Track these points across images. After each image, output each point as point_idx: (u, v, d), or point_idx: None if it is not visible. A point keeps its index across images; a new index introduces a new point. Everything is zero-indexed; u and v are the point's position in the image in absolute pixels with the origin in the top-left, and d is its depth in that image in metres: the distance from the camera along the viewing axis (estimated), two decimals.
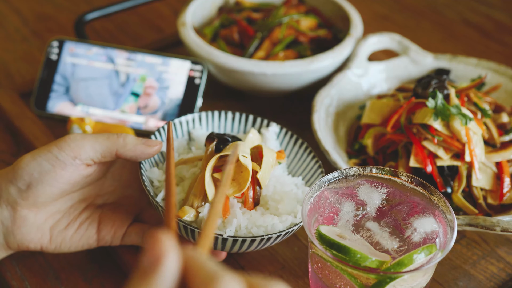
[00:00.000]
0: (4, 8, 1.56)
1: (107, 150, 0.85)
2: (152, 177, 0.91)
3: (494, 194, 1.01)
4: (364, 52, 1.21)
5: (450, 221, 0.81)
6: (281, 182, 0.92)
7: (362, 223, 0.84)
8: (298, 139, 0.99)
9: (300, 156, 0.99)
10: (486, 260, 0.98)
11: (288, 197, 0.90)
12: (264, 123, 1.01)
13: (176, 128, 0.98)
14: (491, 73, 1.19)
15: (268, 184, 0.90)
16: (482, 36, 1.52)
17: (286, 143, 1.01)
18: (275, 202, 0.90)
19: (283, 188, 0.91)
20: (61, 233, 0.88)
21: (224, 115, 1.01)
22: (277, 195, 0.90)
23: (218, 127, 1.01)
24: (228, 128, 1.02)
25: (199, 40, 1.20)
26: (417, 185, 0.87)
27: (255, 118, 1.01)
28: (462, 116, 0.99)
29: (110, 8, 1.32)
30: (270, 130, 1.00)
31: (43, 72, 1.20)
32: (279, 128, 1.01)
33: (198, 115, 0.99)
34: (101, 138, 0.85)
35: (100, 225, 0.90)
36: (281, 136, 1.01)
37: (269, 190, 0.90)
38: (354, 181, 0.88)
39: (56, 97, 1.19)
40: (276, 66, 1.15)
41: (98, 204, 0.92)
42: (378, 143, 1.07)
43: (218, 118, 1.01)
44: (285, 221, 0.87)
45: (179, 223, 0.83)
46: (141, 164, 0.89)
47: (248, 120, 1.01)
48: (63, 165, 0.83)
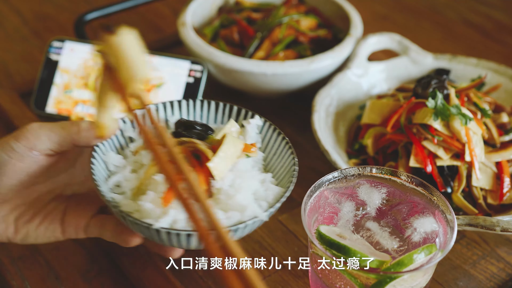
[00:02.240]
0: (4, 8, 1.56)
1: (63, 139, 0.82)
2: (108, 161, 0.87)
3: (494, 194, 1.01)
4: (364, 52, 1.21)
5: (450, 221, 0.81)
6: (243, 177, 0.85)
7: (362, 223, 0.84)
8: (280, 133, 0.93)
9: (280, 152, 0.93)
10: (486, 260, 0.98)
11: (244, 193, 0.83)
12: (249, 115, 0.95)
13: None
14: (491, 73, 1.19)
15: (227, 176, 0.84)
16: (482, 36, 1.52)
17: (269, 138, 0.94)
18: (227, 196, 0.83)
19: (242, 183, 0.84)
20: (26, 224, 0.85)
21: (207, 104, 0.96)
22: (233, 189, 0.84)
23: (200, 116, 0.97)
24: (211, 118, 0.97)
25: (199, 40, 1.20)
26: (417, 185, 0.87)
27: (239, 110, 0.96)
28: (462, 116, 0.99)
29: (110, 8, 1.32)
30: (251, 122, 0.94)
31: (43, 72, 1.20)
32: (262, 122, 0.94)
33: (178, 102, 0.95)
34: (56, 128, 0.83)
35: (65, 217, 0.87)
36: (264, 130, 0.95)
37: (226, 183, 0.84)
38: (354, 181, 0.88)
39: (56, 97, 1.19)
40: (276, 66, 1.15)
41: (67, 195, 0.89)
42: (378, 143, 1.07)
43: (200, 107, 0.96)
44: (230, 218, 0.81)
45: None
46: (96, 147, 0.85)
47: (232, 112, 0.96)
48: (20, 156, 0.81)
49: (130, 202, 0.83)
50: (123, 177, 0.86)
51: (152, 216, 0.79)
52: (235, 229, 0.79)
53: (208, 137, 0.89)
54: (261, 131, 0.95)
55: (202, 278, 0.93)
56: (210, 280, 0.92)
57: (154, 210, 0.80)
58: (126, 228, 0.85)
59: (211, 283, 0.92)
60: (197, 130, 0.89)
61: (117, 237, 0.85)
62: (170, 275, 0.91)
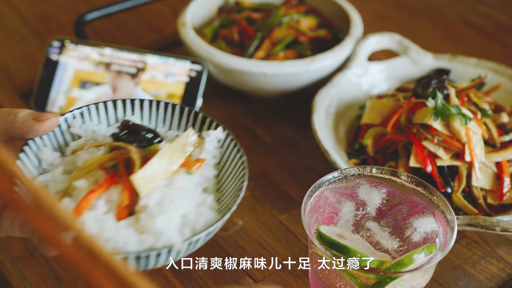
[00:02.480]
0: (4, 8, 1.56)
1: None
2: (42, 158, 0.79)
3: (494, 194, 1.01)
4: (364, 52, 1.21)
5: (450, 221, 0.82)
6: (174, 196, 0.74)
7: (362, 223, 0.84)
8: (240, 151, 0.82)
9: (235, 172, 0.81)
10: (486, 260, 0.98)
11: (168, 215, 0.73)
12: (213, 125, 0.85)
13: (108, 112, 0.84)
14: (491, 73, 1.19)
15: (155, 193, 0.74)
16: (482, 36, 1.52)
17: (228, 154, 0.84)
18: (148, 216, 0.72)
19: (172, 203, 0.73)
20: None
21: (171, 108, 0.86)
22: (158, 209, 0.73)
23: (163, 121, 0.87)
24: (174, 124, 0.87)
25: (199, 40, 1.20)
26: (417, 185, 0.87)
27: (205, 118, 0.86)
28: (462, 116, 0.99)
29: (110, 8, 1.32)
30: (211, 134, 0.83)
31: (43, 72, 1.20)
32: (225, 135, 0.84)
33: (140, 101, 0.85)
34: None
35: (3, 213, 0.78)
36: (226, 144, 0.84)
37: (152, 201, 0.73)
38: (354, 181, 0.88)
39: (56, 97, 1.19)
40: (276, 66, 1.15)
41: None
42: (378, 143, 1.07)
43: (163, 111, 0.86)
44: (142, 242, 0.71)
45: None
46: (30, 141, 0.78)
47: (197, 119, 0.86)
48: None
49: None
50: (52, 177, 0.77)
51: None
52: (144, 255, 0.70)
53: (153, 145, 0.79)
54: (222, 145, 0.85)
55: (202, 278, 0.93)
56: (210, 280, 0.92)
57: None
58: None
59: (211, 283, 0.92)
60: (141, 136, 0.80)
61: (40, 244, 0.76)
62: (170, 275, 0.91)
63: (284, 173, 1.12)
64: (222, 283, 0.93)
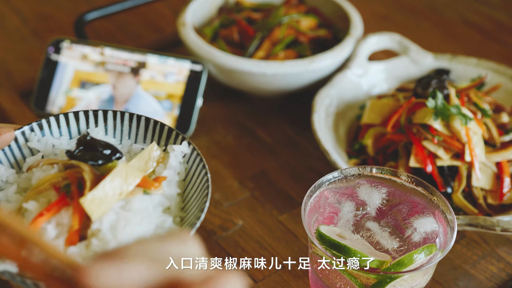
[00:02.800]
0: (4, 8, 1.56)
1: None
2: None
3: (494, 194, 1.01)
4: (364, 52, 1.21)
5: (450, 221, 0.81)
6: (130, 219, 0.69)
7: (362, 223, 0.84)
8: (204, 167, 0.76)
9: (199, 191, 0.75)
10: (486, 260, 0.98)
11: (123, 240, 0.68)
12: (179, 139, 0.79)
13: (69, 124, 0.79)
14: (491, 73, 1.19)
15: (109, 216, 0.69)
16: (482, 36, 1.52)
17: (194, 171, 0.78)
18: (101, 242, 0.67)
19: (127, 227, 0.68)
20: None
21: (137, 119, 0.81)
22: (112, 233, 0.68)
23: (128, 133, 0.81)
24: (140, 136, 0.81)
25: (199, 40, 1.20)
26: (417, 185, 0.87)
27: (171, 130, 0.80)
28: (462, 116, 0.99)
29: (110, 8, 1.32)
30: (175, 149, 0.78)
31: (43, 72, 1.20)
32: (190, 150, 0.78)
33: (103, 112, 0.80)
34: None
35: None
36: (191, 159, 0.78)
37: (105, 225, 0.68)
38: (354, 181, 0.88)
39: (56, 97, 1.19)
40: (276, 66, 1.15)
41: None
42: (378, 143, 1.07)
43: (128, 122, 0.81)
44: None
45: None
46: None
47: (163, 132, 0.80)
48: None
49: None
50: (5, 196, 0.73)
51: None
52: None
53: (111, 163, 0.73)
54: (188, 160, 0.79)
55: None
56: None
57: None
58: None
59: None
60: (98, 152, 0.73)
61: None
62: None
63: (284, 173, 1.12)
64: None
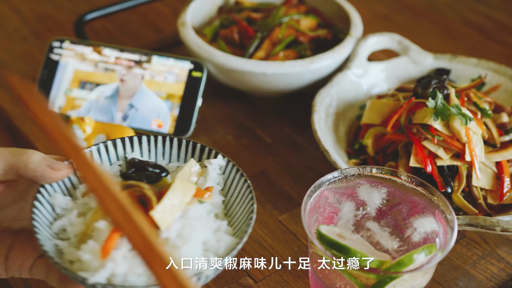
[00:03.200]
0: (4, 8, 1.56)
1: (8, 166, 0.75)
2: (54, 204, 0.80)
3: (494, 194, 1.01)
4: (364, 52, 1.21)
5: (450, 221, 0.81)
6: (193, 226, 0.77)
7: (362, 223, 0.84)
8: (243, 175, 0.85)
9: (241, 196, 0.84)
10: (486, 260, 0.98)
11: (191, 245, 0.76)
12: (212, 154, 0.87)
13: (109, 151, 0.86)
14: (491, 73, 1.19)
15: (175, 225, 0.77)
16: (482, 36, 1.52)
17: (232, 180, 0.86)
18: (173, 248, 0.75)
19: (192, 233, 0.76)
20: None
21: (169, 141, 0.88)
22: (180, 240, 0.76)
23: (162, 154, 0.89)
24: (173, 156, 0.89)
25: (199, 40, 1.20)
26: (417, 185, 0.87)
27: (203, 148, 0.88)
28: (462, 116, 0.99)
29: (110, 8, 1.32)
30: (213, 163, 0.86)
31: (43, 72, 1.20)
32: (225, 162, 0.86)
33: (138, 138, 0.88)
34: (4, 153, 0.75)
35: (10, 253, 0.79)
36: (227, 170, 0.87)
37: (172, 233, 0.76)
38: (354, 181, 0.88)
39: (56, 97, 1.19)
40: (276, 66, 1.15)
41: (15, 230, 0.82)
42: (378, 143, 1.07)
43: (162, 144, 0.89)
44: None
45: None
46: (42, 188, 0.79)
47: (196, 149, 0.88)
48: None
49: (73, 250, 0.76)
50: (69, 221, 0.79)
51: (91, 268, 0.73)
52: None
53: (162, 180, 0.82)
54: (224, 171, 0.87)
55: None
56: (210, 280, 0.92)
57: (93, 261, 0.73)
58: None
59: (211, 283, 0.92)
60: (149, 172, 0.82)
61: (61, 285, 0.78)
62: None
63: (284, 173, 1.12)
64: (222, 283, 0.93)
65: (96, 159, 0.86)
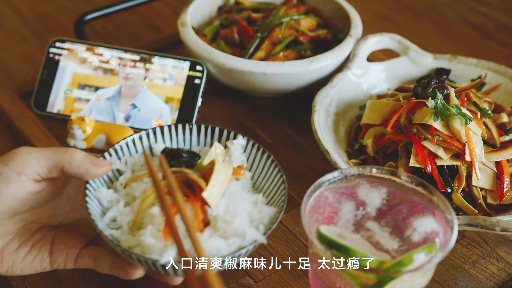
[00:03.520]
0: (4, 8, 1.56)
1: (53, 165, 0.81)
2: (100, 197, 0.87)
3: (494, 194, 1.01)
4: (364, 52, 1.21)
5: (450, 221, 0.82)
6: (236, 201, 0.86)
7: (362, 222, 0.84)
8: (265, 152, 0.94)
9: (267, 170, 0.94)
10: (486, 260, 0.98)
11: (240, 218, 0.84)
12: (231, 135, 0.96)
13: (135, 144, 0.94)
14: (491, 73, 1.19)
15: (221, 202, 0.85)
16: (482, 36, 1.52)
17: (254, 156, 0.95)
18: (225, 223, 0.84)
19: (237, 207, 0.85)
20: (12, 254, 0.83)
21: (189, 128, 0.96)
22: (229, 214, 0.84)
23: (183, 141, 0.97)
24: (193, 141, 0.97)
25: (199, 40, 1.20)
26: (417, 185, 0.87)
27: (222, 130, 0.96)
28: (462, 116, 0.99)
29: (110, 8, 1.32)
30: (235, 143, 0.95)
31: (43, 72, 1.20)
32: (245, 141, 0.95)
33: (160, 129, 0.95)
34: (48, 152, 0.81)
35: (53, 247, 0.85)
36: (248, 148, 0.96)
37: (221, 209, 0.85)
38: (354, 181, 0.88)
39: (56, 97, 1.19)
40: (276, 66, 1.15)
41: (53, 225, 0.88)
42: (378, 143, 1.07)
43: (182, 132, 0.96)
44: (231, 245, 0.82)
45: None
46: (88, 184, 0.85)
47: (214, 133, 0.97)
48: (7, 181, 0.79)
49: (129, 237, 0.83)
50: (118, 211, 0.86)
51: (154, 251, 0.80)
52: (237, 255, 0.80)
53: (196, 164, 0.89)
54: (245, 150, 0.96)
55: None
56: None
57: (156, 244, 0.80)
58: (126, 260, 0.85)
59: None
60: (185, 158, 0.89)
61: (117, 270, 0.85)
62: None
63: (284, 173, 1.11)
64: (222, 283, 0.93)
65: (125, 152, 0.93)
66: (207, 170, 0.86)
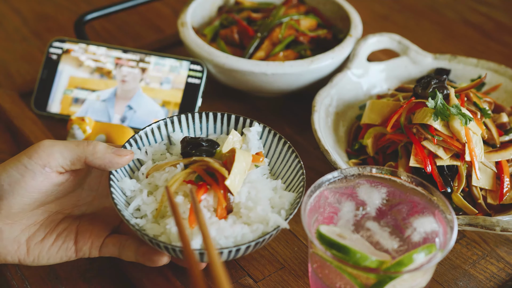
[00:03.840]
0: (4, 8, 1.56)
1: (76, 157, 0.83)
2: (124, 187, 0.89)
3: (494, 194, 1.01)
4: (364, 52, 1.21)
5: (450, 221, 0.82)
6: (257, 187, 0.88)
7: (362, 222, 0.84)
8: (281, 138, 0.95)
9: (284, 156, 0.95)
10: (486, 260, 0.98)
11: (262, 204, 0.86)
12: (247, 123, 0.97)
13: (154, 133, 0.95)
14: (491, 73, 1.19)
15: (242, 189, 0.87)
16: (482, 36, 1.52)
17: (270, 143, 0.97)
18: (247, 209, 0.86)
19: (258, 194, 0.87)
20: (38, 245, 0.85)
21: (205, 116, 0.97)
22: (251, 201, 0.86)
23: (200, 129, 0.98)
24: (210, 129, 0.98)
25: (199, 40, 1.20)
26: (417, 185, 0.87)
27: (238, 118, 0.97)
28: (462, 116, 0.99)
29: (110, 8, 1.32)
30: (252, 130, 0.95)
31: (43, 72, 1.20)
32: (262, 128, 0.96)
33: (178, 117, 0.96)
34: (71, 145, 0.84)
35: (78, 237, 0.88)
36: (264, 135, 0.97)
37: (243, 196, 0.87)
38: (354, 181, 0.88)
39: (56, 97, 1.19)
40: (276, 66, 1.15)
41: (76, 215, 0.90)
42: (378, 143, 1.07)
43: (199, 120, 0.97)
44: (256, 231, 0.84)
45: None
46: (111, 175, 0.87)
47: (230, 120, 0.97)
48: (32, 174, 0.81)
49: (154, 225, 0.85)
50: (142, 201, 0.88)
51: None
52: (261, 241, 0.82)
53: (216, 152, 0.91)
54: (261, 137, 0.97)
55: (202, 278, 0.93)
56: (210, 280, 0.92)
57: None
58: (151, 248, 0.86)
59: (211, 283, 0.92)
60: (205, 147, 0.90)
61: (142, 257, 0.87)
62: (170, 275, 0.91)
63: None
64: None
65: (145, 142, 0.94)
66: (227, 158, 0.88)
